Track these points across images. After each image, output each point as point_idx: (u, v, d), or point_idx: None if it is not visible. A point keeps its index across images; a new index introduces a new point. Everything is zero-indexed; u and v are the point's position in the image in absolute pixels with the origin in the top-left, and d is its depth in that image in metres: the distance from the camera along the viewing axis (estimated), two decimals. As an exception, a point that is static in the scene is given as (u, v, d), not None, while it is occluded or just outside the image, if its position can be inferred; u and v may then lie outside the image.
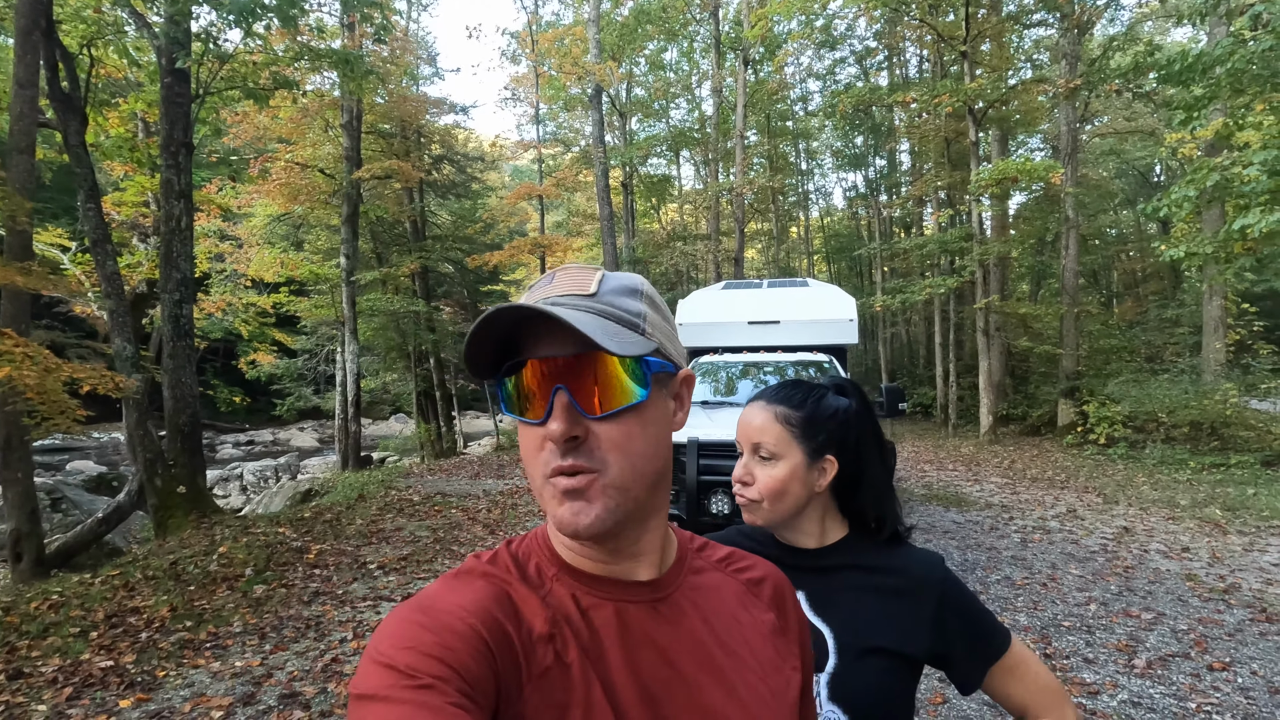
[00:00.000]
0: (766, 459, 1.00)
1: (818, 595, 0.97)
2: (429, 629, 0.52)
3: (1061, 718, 0.94)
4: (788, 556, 0.99)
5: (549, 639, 0.56)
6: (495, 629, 0.53)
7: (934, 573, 0.98)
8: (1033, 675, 0.95)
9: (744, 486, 1.01)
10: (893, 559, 1.00)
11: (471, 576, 0.58)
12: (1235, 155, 7.73)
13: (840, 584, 0.98)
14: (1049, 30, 16.27)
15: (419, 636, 0.51)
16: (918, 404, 20.56)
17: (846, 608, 0.96)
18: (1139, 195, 25.48)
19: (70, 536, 8.39)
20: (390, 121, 16.81)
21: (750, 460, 1.01)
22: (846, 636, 0.94)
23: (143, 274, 11.34)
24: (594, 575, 0.61)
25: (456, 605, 0.54)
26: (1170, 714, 2.97)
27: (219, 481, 17.13)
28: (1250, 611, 4.22)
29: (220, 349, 22.65)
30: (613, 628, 0.59)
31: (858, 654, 0.93)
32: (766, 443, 0.99)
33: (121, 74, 10.09)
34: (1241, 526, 6.45)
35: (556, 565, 0.61)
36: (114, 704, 3.12)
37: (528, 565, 0.61)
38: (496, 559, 0.61)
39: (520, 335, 0.58)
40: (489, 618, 0.54)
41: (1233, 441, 9.93)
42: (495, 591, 0.57)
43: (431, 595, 0.56)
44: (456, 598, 0.55)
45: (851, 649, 0.93)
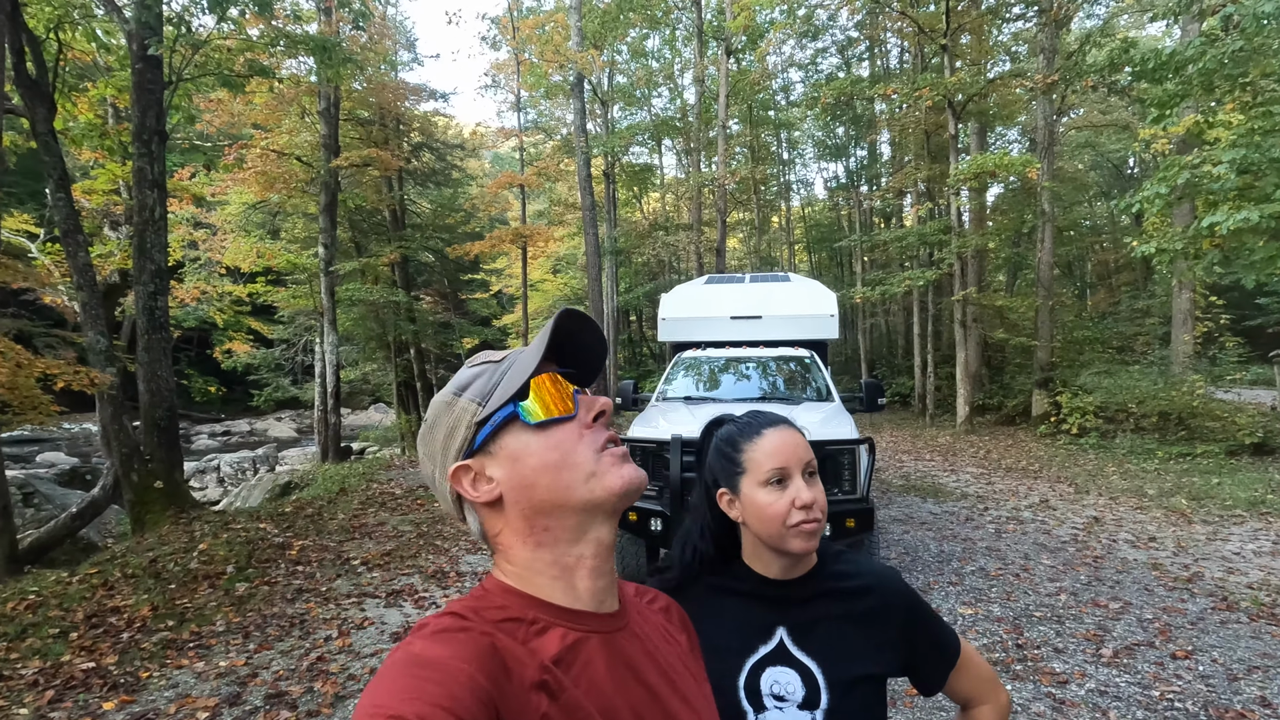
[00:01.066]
0: (813, 475, 0.97)
1: (799, 629, 0.98)
2: (433, 681, 0.52)
3: (997, 701, 1.05)
4: (768, 589, 1.00)
5: (541, 686, 0.57)
6: (493, 683, 0.54)
7: (899, 591, 1.02)
8: (975, 669, 1.04)
9: (808, 510, 0.94)
10: (860, 580, 1.01)
11: (450, 634, 0.58)
12: (1205, 154, 7.89)
13: (817, 613, 0.99)
14: (1027, 24, 16.42)
15: (423, 689, 0.51)
16: (896, 394, 20.83)
17: (827, 640, 0.97)
18: (1113, 188, 25.96)
19: (44, 532, 8.26)
20: (368, 108, 16.54)
21: (808, 482, 0.96)
22: (834, 672, 0.95)
23: (115, 264, 11.11)
24: (575, 610, 0.64)
25: (454, 658, 0.55)
26: (1135, 702, 3.09)
27: (195, 474, 16.91)
28: (1212, 600, 4.39)
29: (195, 338, 22.27)
30: (598, 658, 0.63)
31: (846, 688, 0.95)
32: (813, 460, 0.97)
33: (90, 58, 9.82)
34: (1205, 516, 6.67)
35: (534, 607, 0.63)
36: (97, 706, 3.11)
37: (499, 617, 0.62)
38: (464, 615, 0.61)
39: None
40: (486, 672, 0.55)
41: (1199, 431, 10.21)
42: (483, 646, 0.57)
43: (423, 651, 0.56)
44: (451, 652, 0.56)
45: (840, 684, 0.95)
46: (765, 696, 0.94)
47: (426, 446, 0.70)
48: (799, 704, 0.94)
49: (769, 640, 0.97)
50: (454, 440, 0.67)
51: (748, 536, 1.01)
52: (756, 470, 0.97)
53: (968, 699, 1.04)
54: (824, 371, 5.95)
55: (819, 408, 5.07)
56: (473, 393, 0.68)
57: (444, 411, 0.69)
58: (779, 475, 0.95)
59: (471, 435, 0.66)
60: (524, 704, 0.56)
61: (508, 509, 0.65)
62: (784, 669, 0.96)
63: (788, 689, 0.95)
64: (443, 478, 0.67)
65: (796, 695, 0.94)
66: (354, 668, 3.55)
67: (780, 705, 0.94)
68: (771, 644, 0.97)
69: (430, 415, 0.70)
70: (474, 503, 0.66)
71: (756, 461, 0.97)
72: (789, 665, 0.96)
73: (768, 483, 0.96)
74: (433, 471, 0.69)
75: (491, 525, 0.67)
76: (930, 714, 3.04)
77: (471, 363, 0.72)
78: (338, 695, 3.24)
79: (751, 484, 0.97)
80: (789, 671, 0.96)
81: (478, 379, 0.69)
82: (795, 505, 0.94)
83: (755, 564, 1.01)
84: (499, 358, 0.70)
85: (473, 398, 0.67)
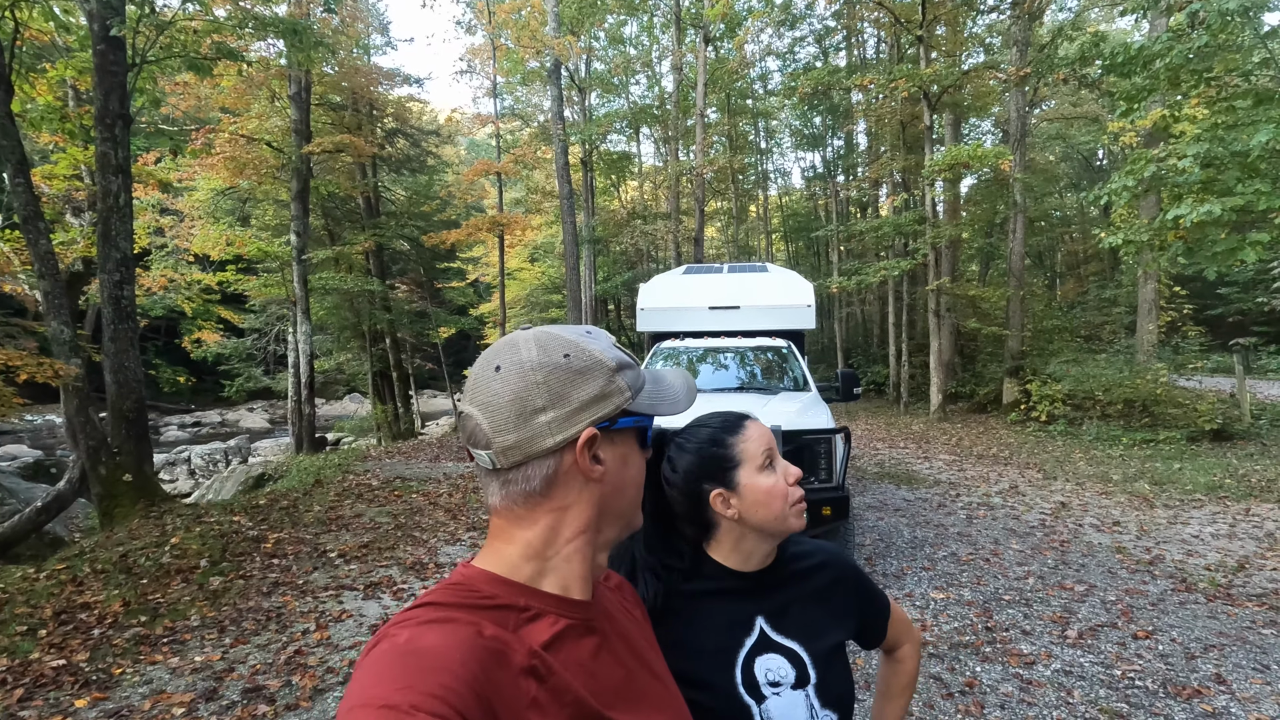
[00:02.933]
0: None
1: (773, 614, 1.01)
2: (425, 670, 0.52)
3: (913, 639, 1.19)
4: (743, 583, 1.02)
5: (530, 671, 0.58)
6: (484, 671, 0.54)
7: (848, 564, 1.12)
8: (899, 617, 1.17)
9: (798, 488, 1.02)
10: (813, 558, 1.09)
11: (437, 624, 0.58)
12: (1171, 147, 8.08)
13: (786, 597, 1.03)
14: (1001, 16, 16.60)
15: (415, 678, 0.51)
16: (871, 382, 21.11)
17: (800, 619, 1.02)
18: (1083, 179, 26.45)
19: (8, 527, 8.05)
20: (341, 93, 16.21)
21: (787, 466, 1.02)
22: (814, 648, 1.00)
23: (78, 251, 10.77)
24: (556, 596, 0.66)
25: (445, 649, 0.54)
26: (1098, 681, 3.20)
27: (165, 465, 16.60)
28: (1172, 582, 4.54)
29: (162, 327, 21.80)
30: (583, 642, 0.65)
31: (826, 660, 1.00)
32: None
33: (49, 39, 9.48)
34: (1167, 500, 6.89)
35: (527, 595, 0.64)
36: (69, 704, 3.06)
37: (484, 605, 0.62)
38: (446, 606, 0.61)
39: None
40: (477, 659, 0.55)
41: (1162, 418, 10.51)
42: (470, 634, 0.57)
43: (412, 641, 0.55)
44: (440, 641, 0.55)
45: (822, 657, 1.00)
46: (762, 686, 0.97)
47: (553, 381, 0.64)
48: (793, 685, 0.97)
49: (751, 631, 1.00)
50: (598, 405, 0.66)
51: (730, 533, 1.02)
52: (752, 458, 1.00)
53: (893, 642, 1.16)
54: (801, 361, 6.02)
55: (796, 397, 5.13)
56: (628, 379, 0.69)
57: (597, 370, 0.67)
58: (769, 459, 1.01)
59: (617, 415, 0.67)
60: (514, 690, 0.56)
61: (592, 494, 0.67)
62: (771, 655, 0.99)
63: (780, 674, 0.98)
64: (559, 425, 0.64)
65: (789, 678, 0.98)
66: (332, 660, 3.53)
67: (777, 691, 0.97)
68: (754, 635, 1.00)
69: (575, 358, 0.66)
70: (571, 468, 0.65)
71: (750, 450, 1.00)
72: (774, 651, 0.99)
73: (763, 467, 1.00)
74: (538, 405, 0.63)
75: (563, 496, 0.66)
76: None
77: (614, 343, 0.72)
78: (316, 688, 3.23)
79: (750, 472, 0.99)
80: (776, 657, 0.99)
81: (629, 369, 0.69)
82: (789, 482, 1.00)
83: (733, 559, 1.03)
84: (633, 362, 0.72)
85: (628, 383, 0.68)
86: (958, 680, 3.23)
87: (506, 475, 0.65)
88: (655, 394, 0.72)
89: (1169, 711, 2.92)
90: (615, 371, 0.68)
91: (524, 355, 0.65)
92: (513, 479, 0.65)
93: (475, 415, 0.65)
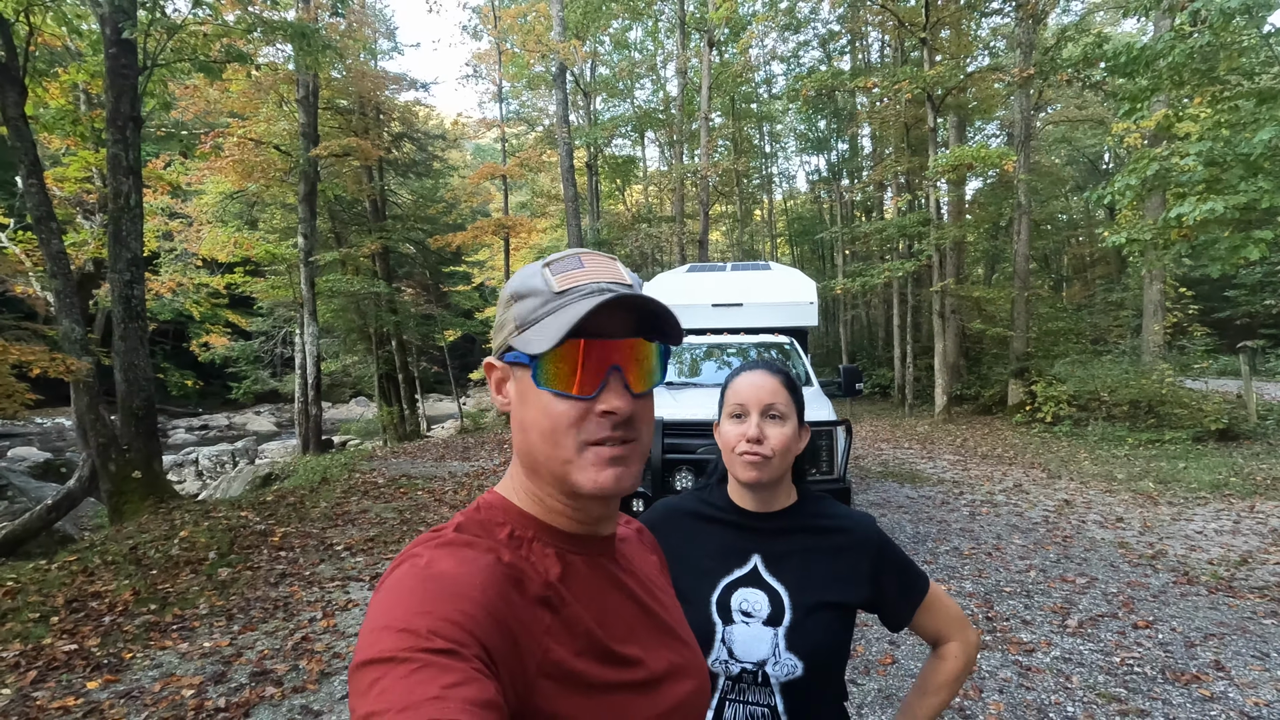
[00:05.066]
0: (776, 418, 1.07)
1: (772, 557, 1.08)
2: (445, 595, 0.52)
3: (965, 639, 1.12)
4: (746, 520, 1.11)
5: (544, 601, 0.59)
6: (502, 598, 0.55)
7: (870, 533, 1.11)
8: (944, 609, 1.12)
9: (756, 444, 1.05)
10: (834, 520, 1.11)
11: (458, 548, 0.58)
12: (1174, 146, 8.09)
13: (792, 546, 1.09)
14: (1005, 19, 16.64)
15: (434, 602, 0.51)
16: (876, 384, 21.08)
17: (798, 568, 1.07)
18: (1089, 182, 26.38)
19: (18, 524, 8.15)
20: (348, 97, 16.37)
21: (761, 420, 1.06)
22: (799, 594, 1.05)
23: (89, 253, 10.91)
24: (572, 534, 0.66)
25: (465, 574, 0.55)
26: (1097, 668, 3.22)
27: (173, 467, 16.70)
28: (1174, 575, 4.55)
29: (170, 331, 21.96)
30: (594, 576, 0.66)
31: (809, 609, 1.04)
32: (779, 404, 1.07)
33: (61, 43, 9.63)
34: (1171, 498, 6.88)
35: (534, 528, 0.64)
36: (80, 685, 3.11)
37: (502, 533, 0.63)
38: (468, 529, 0.62)
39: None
40: (496, 586, 0.55)
41: (1168, 419, 10.48)
42: (490, 560, 0.57)
43: (432, 564, 0.55)
44: (461, 568, 0.55)
45: (803, 605, 1.04)
46: (734, 612, 1.05)
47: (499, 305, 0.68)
48: (764, 620, 1.04)
49: (744, 564, 1.08)
50: (500, 334, 0.66)
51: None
52: (728, 405, 1.10)
53: (937, 636, 1.13)
54: (804, 358, 6.05)
55: (798, 392, 5.16)
56: (520, 310, 0.64)
57: (504, 302, 0.67)
58: (739, 410, 1.08)
59: (502, 348, 0.65)
60: (530, 617, 0.57)
61: (513, 429, 0.66)
62: (754, 590, 1.06)
63: (755, 606, 1.05)
64: (495, 350, 0.67)
65: (762, 613, 1.04)
66: (339, 646, 3.58)
67: (747, 620, 1.04)
68: (746, 568, 1.08)
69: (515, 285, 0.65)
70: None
71: (728, 397, 1.11)
72: (759, 587, 1.06)
73: (731, 415, 1.09)
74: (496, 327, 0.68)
75: (511, 429, 0.67)
76: (905, 681, 3.14)
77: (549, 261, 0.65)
78: (323, 672, 3.28)
79: (725, 416, 1.11)
80: (758, 592, 1.06)
81: (531, 296, 0.63)
82: (744, 437, 1.06)
83: (735, 496, 1.13)
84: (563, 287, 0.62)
85: (516, 317, 0.64)
86: (957, 667, 3.25)
87: None
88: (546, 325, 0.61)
89: (1167, 696, 2.94)
90: (512, 301, 0.65)
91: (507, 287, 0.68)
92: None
93: None
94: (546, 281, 0.63)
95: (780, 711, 1.02)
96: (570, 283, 0.62)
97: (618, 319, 0.63)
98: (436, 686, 0.45)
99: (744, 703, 1.03)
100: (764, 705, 1.02)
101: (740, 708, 1.03)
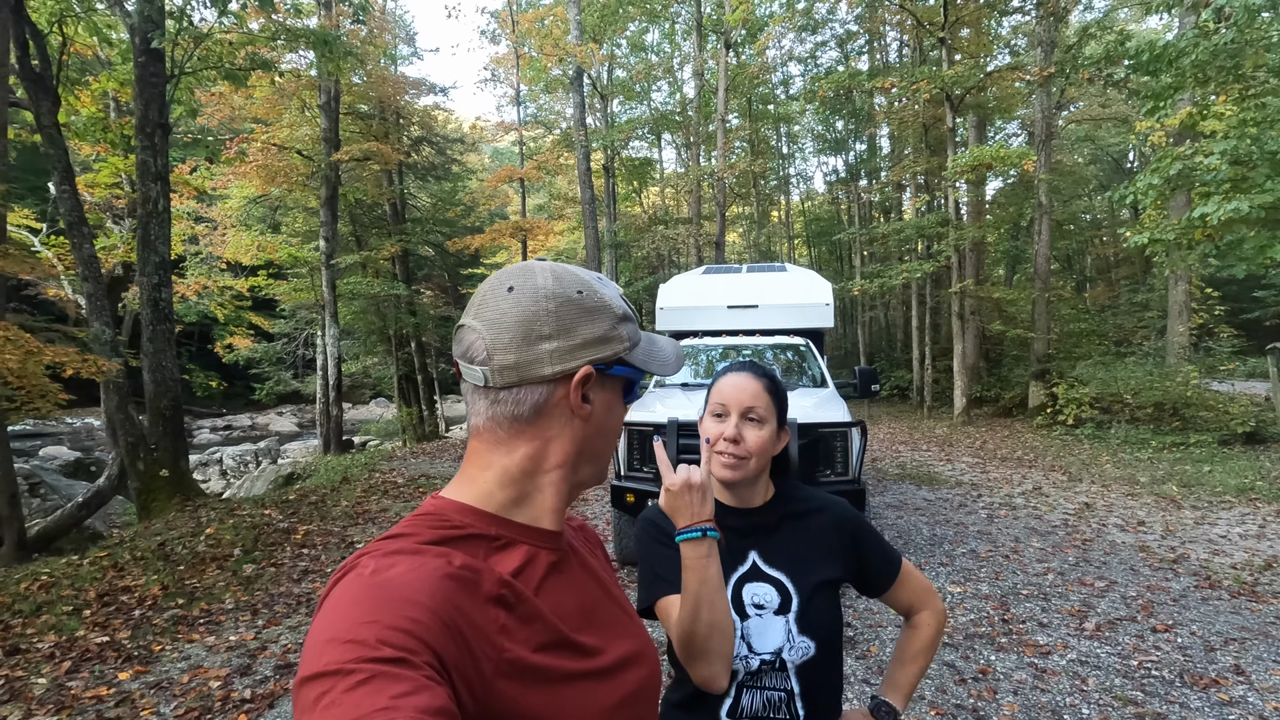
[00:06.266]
0: (755, 421, 1.11)
1: (767, 551, 1.13)
2: (393, 602, 0.51)
3: (934, 608, 1.21)
4: (735, 520, 1.15)
5: (498, 600, 0.58)
6: (451, 602, 0.54)
7: (847, 513, 1.18)
8: (915, 581, 1.20)
9: (734, 444, 1.10)
10: (811, 503, 1.18)
11: (405, 554, 0.57)
12: (1198, 145, 7.97)
13: (781, 536, 1.15)
14: (1026, 17, 16.46)
15: (382, 612, 0.50)
16: (894, 386, 20.93)
17: (792, 556, 1.13)
18: (1112, 181, 25.98)
19: (50, 521, 8.38)
20: (369, 102, 16.60)
21: (740, 421, 1.11)
22: (800, 580, 1.11)
23: (119, 256, 11.19)
24: (524, 525, 0.66)
25: (413, 580, 0.54)
26: (1114, 671, 3.20)
27: (198, 466, 17.01)
28: (1196, 579, 4.49)
29: (195, 333, 22.36)
30: (553, 570, 0.67)
31: (810, 592, 1.10)
32: (759, 408, 1.11)
33: (92, 53, 9.89)
34: (1195, 501, 6.77)
35: (490, 525, 0.64)
36: (113, 676, 3.22)
37: (452, 535, 0.62)
38: (416, 534, 0.61)
39: None
40: (445, 590, 0.54)
41: (1193, 421, 10.31)
42: (439, 564, 0.56)
43: (379, 572, 0.54)
44: (408, 574, 0.54)
45: (805, 589, 1.10)
46: (748, 606, 1.10)
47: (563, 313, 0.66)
48: (775, 610, 1.09)
49: (744, 562, 1.12)
50: (600, 347, 0.67)
51: None
52: (711, 403, 1.15)
53: (910, 607, 1.20)
54: (819, 359, 6.05)
55: (813, 393, 5.17)
56: (629, 330, 0.70)
57: (604, 313, 0.68)
58: (720, 410, 1.13)
59: (613, 360, 0.68)
60: (483, 618, 0.56)
61: (575, 431, 0.67)
62: (760, 584, 1.12)
63: (765, 599, 1.10)
64: (560, 356, 0.65)
65: (773, 603, 1.10)
66: (359, 642, 3.66)
67: (760, 612, 1.10)
68: (746, 565, 1.13)
69: (587, 296, 0.68)
70: (561, 402, 0.66)
71: (712, 396, 1.16)
72: (763, 580, 1.12)
73: (713, 414, 1.14)
74: (544, 333, 0.65)
75: (547, 427, 0.66)
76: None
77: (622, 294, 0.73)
78: (344, 667, 3.35)
79: (708, 413, 1.15)
80: (764, 585, 1.11)
81: (631, 322, 0.71)
82: (723, 436, 1.10)
83: (718, 493, 1.17)
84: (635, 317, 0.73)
85: (628, 334, 0.70)
86: (971, 667, 3.25)
87: (497, 395, 0.65)
88: (649, 352, 0.73)
89: (1185, 699, 2.92)
90: (620, 320, 0.69)
91: (539, 281, 0.66)
92: (503, 400, 0.65)
93: (478, 329, 0.65)
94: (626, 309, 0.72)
95: (796, 693, 1.07)
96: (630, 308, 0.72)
97: None
98: (386, 697, 0.44)
99: (760, 689, 1.08)
100: (780, 689, 1.08)
101: (757, 694, 1.08)
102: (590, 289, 0.68)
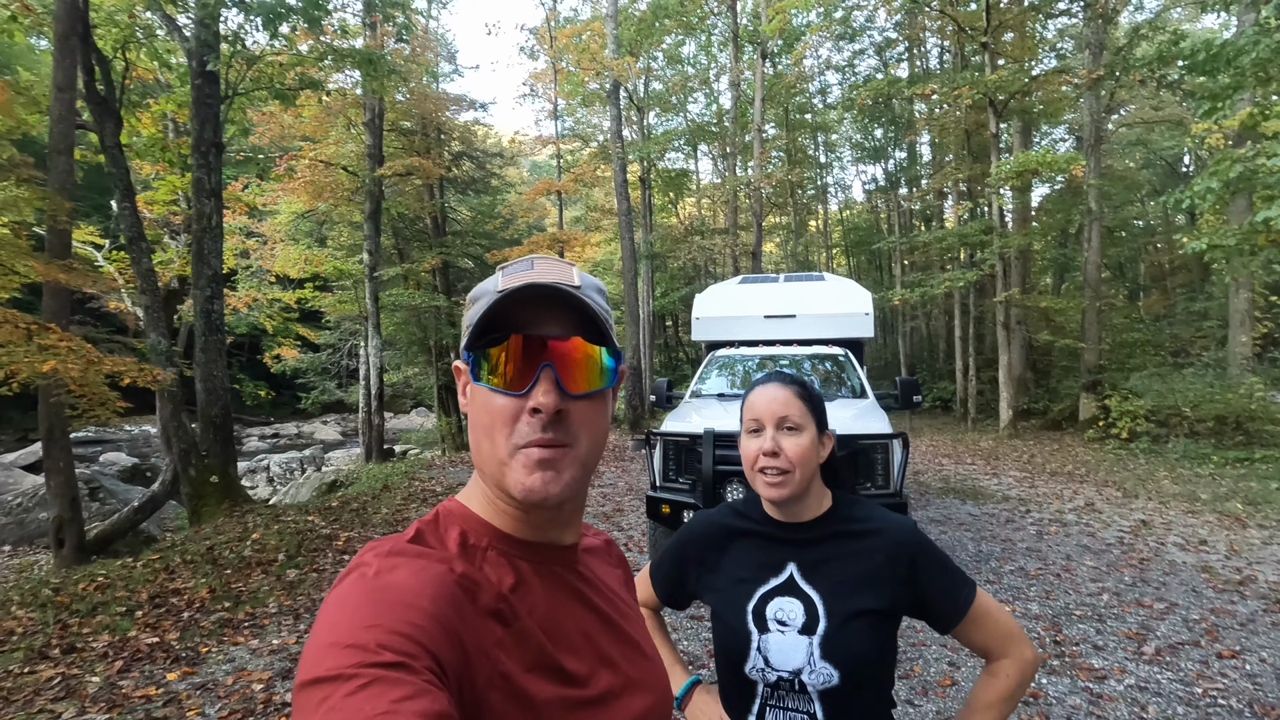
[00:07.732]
0: (792, 429, 1.06)
1: (806, 565, 1.08)
2: (394, 607, 0.50)
3: (1020, 656, 1.06)
4: (780, 531, 1.10)
5: (495, 614, 0.57)
6: (453, 609, 0.54)
7: (908, 536, 1.08)
8: (994, 621, 1.07)
9: (773, 458, 1.04)
10: (869, 523, 1.09)
11: (408, 558, 0.57)
12: (1260, 146, 7.62)
13: (827, 553, 1.08)
14: (1073, 19, 16.04)
15: (383, 616, 0.49)
16: (937, 398, 20.43)
17: (833, 575, 1.06)
18: (1167, 185, 25.03)
19: (108, 524, 8.70)
20: (411, 119, 17.03)
21: (776, 433, 1.05)
22: (834, 602, 1.04)
23: (175, 270, 11.65)
24: (528, 542, 0.65)
25: (415, 584, 0.53)
26: (1176, 698, 3.03)
27: (246, 473, 17.52)
28: (1264, 602, 4.24)
29: (245, 344, 23.14)
30: (551, 587, 0.65)
31: (844, 618, 1.03)
32: (793, 415, 1.06)
33: (152, 76, 10.37)
34: (1262, 520, 6.42)
35: (489, 535, 0.63)
36: (161, 676, 3.31)
37: (457, 541, 0.61)
38: (422, 538, 0.61)
39: (515, 311, 0.62)
40: (447, 597, 0.54)
41: (1258, 436, 9.80)
42: (442, 570, 0.56)
43: (381, 575, 0.54)
44: (411, 578, 0.54)
45: (839, 613, 1.03)
46: (769, 620, 1.05)
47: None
48: (799, 629, 1.03)
49: (780, 574, 1.07)
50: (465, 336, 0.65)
51: None
52: (745, 421, 1.11)
53: (986, 650, 1.08)
54: (859, 369, 5.93)
55: (852, 404, 5.07)
56: (472, 312, 0.65)
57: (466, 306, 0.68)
58: (755, 425, 1.08)
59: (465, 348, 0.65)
60: (482, 629, 0.55)
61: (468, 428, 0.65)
62: (790, 599, 1.06)
63: (790, 615, 1.05)
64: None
65: (797, 621, 1.04)
66: (397, 649, 3.69)
67: (782, 629, 1.04)
68: (782, 577, 1.07)
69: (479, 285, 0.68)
70: None
71: (745, 413, 1.11)
72: (795, 596, 1.06)
73: (749, 431, 1.10)
74: None
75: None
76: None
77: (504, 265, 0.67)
78: (382, 673, 3.39)
79: (744, 433, 1.11)
80: (794, 601, 1.06)
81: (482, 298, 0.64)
82: (761, 452, 1.05)
83: (768, 507, 1.13)
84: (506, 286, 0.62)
85: (469, 319, 0.65)
86: (1022, 691, 3.12)
87: None
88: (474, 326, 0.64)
89: (1255, 732, 2.75)
90: (469, 304, 0.66)
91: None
92: None
93: None
94: (495, 283, 0.64)
95: (820, 718, 1.02)
96: (515, 283, 0.62)
97: (558, 318, 0.62)
98: (386, 701, 0.43)
99: (784, 709, 1.04)
100: (804, 712, 1.03)
101: (780, 714, 1.04)
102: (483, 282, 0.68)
